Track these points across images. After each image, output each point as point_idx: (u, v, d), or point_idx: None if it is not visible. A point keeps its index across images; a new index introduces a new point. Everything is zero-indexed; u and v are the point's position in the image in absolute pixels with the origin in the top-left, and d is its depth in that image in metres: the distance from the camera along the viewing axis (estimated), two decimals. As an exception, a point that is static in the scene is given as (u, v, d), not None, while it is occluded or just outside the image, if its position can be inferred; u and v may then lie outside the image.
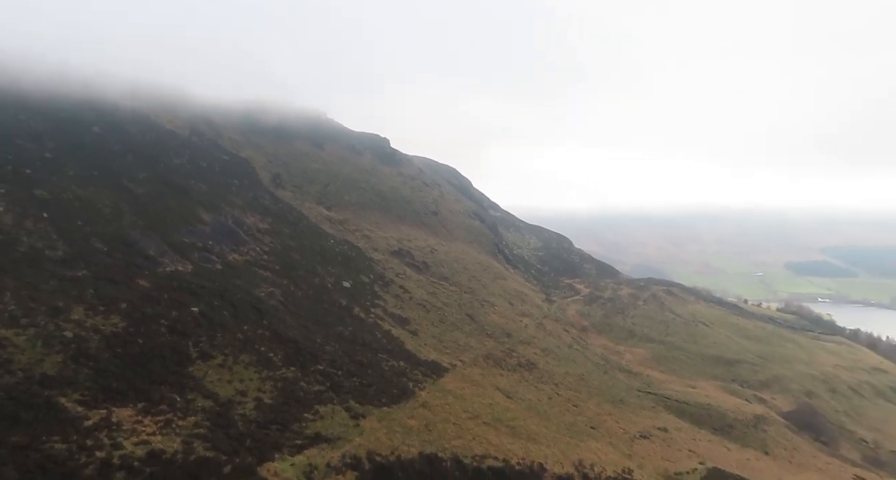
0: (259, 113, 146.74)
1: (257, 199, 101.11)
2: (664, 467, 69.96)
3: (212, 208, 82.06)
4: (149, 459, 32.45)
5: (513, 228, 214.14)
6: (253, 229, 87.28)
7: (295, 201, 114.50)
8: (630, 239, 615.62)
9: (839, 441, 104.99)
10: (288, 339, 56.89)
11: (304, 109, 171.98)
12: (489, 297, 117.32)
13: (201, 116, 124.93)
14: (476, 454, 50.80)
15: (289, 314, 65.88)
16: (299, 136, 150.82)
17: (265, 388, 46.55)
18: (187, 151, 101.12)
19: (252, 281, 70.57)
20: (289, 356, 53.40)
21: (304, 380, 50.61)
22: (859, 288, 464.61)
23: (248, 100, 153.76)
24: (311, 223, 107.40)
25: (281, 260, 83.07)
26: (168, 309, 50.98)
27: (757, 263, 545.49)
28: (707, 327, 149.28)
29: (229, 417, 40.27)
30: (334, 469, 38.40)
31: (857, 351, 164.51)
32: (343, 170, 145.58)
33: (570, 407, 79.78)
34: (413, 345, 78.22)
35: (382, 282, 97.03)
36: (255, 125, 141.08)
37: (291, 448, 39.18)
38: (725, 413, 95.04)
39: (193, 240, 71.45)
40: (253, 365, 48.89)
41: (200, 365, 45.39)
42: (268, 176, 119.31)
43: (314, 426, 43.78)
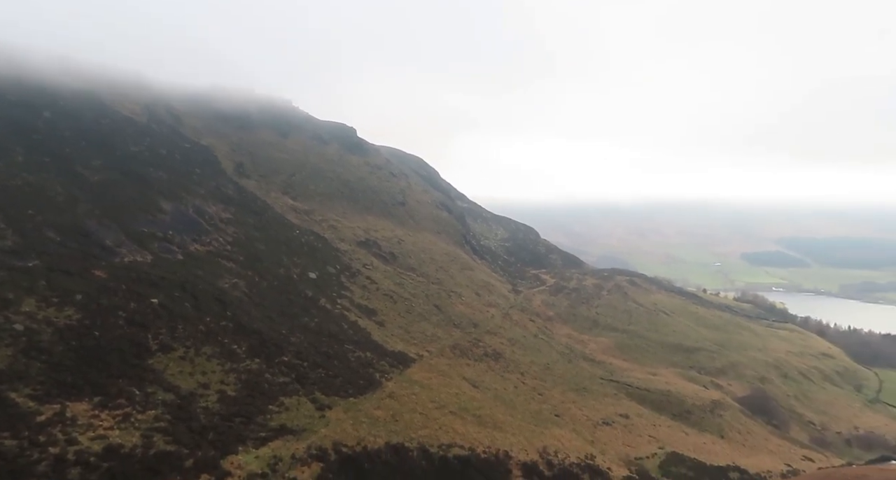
0: (222, 100, 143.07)
1: (220, 188, 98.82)
2: (625, 452, 71.89)
3: (172, 197, 79.84)
4: (106, 454, 31.62)
5: (480, 219, 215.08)
6: (216, 219, 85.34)
7: (259, 191, 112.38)
8: (595, 230, 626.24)
9: (789, 424, 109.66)
10: (252, 331, 56.05)
11: (269, 98, 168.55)
12: (456, 288, 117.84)
13: (160, 103, 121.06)
14: (442, 443, 51.20)
15: (253, 305, 64.85)
16: (264, 125, 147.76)
17: (229, 380, 45.81)
18: (146, 138, 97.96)
19: (215, 271, 69.12)
20: (253, 348, 52.64)
21: (269, 372, 50.00)
22: (810, 278, 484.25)
23: (211, 88, 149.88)
24: (276, 213, 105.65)
25: (245, 250, 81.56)
26: (126, 300, 49.53)
27: (716, 254, 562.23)
28: (668, 316, 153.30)
29: (191, 410, 39.52)
30: (300, 461, 38.17)
31: (807, 338, 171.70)
32: (309, 160, 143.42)
33: (535, 396, 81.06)
34: (380, 336, 78.08)
35: (349, 273, 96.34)
36: (217, 113, 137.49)
37: (256, 440, 38.74)
38: (684, 400, 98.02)
39: (153, 229, 69.46)
40: (216, 357, 48.02)
41: (161, 358, 44.33)
42: (231, 165, 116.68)
43: (279, 418, 43.36)
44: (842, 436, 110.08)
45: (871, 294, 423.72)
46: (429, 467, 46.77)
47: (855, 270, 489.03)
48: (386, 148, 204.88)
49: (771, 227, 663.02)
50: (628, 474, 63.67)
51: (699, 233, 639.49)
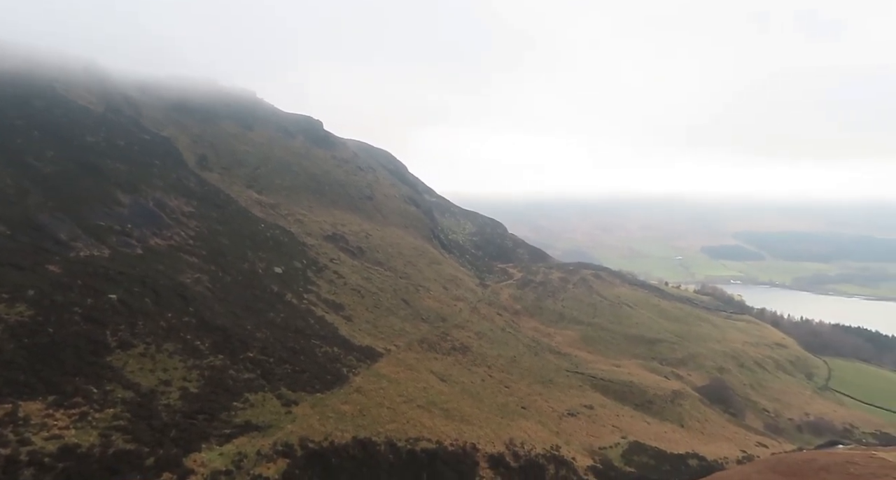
0: (183, 91, 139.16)
1: (182, 181, 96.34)
2: (589, 442, 73.43)
3: (131, 190, 77.47)
4: (61, 454, 30.60)
5: (448, 213, 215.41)
6: (177, 212, 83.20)
7: (223, 184, 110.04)
8: (562, 224, 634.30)
9: (745, 412, 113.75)
10: (216, 327, 54.96)
11: (233, 89, 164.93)
12: (424, 282, 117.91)
13: (118, 92, 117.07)
14: (410, 437, 51.32)
15: (217, 301, 63.57)
16: (227, 117, 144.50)
17: (191, 377, 44.85)
18: (103, 129, 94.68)
19: (176, 266, 67.46)
20: (217, 343, 51.64)
21: (234, 368, 49.16)
22: (766, 271, 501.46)
23: (172, 78, 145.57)
24: (240, 207, 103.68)
25: (208, 244, 79.80)
26: (82, 296, 47.91)
27: (677, 248, 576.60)
28: (631, 309, 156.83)
29: (152, 408, 38.57)
30: (265, 457, 37.70)
31: (762, 329, 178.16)
32: (274, 153, 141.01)
33: (502, 389, 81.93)
34: (347, 331, 77.61)
35: (316, 268, 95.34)
36: (178, 104, 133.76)
37: (220, 437, 38.08)
38: (646, 390, 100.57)
39: (110, 223, 67.33)
40: (178, 354, 46.93)
41: (120, 355, 43.08)
42: (193, 157, 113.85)
43: (244, 414, 42.70)
44: (793, 423, 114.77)
45: (822, 286, 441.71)
46: (396, 461, 46.85)
47: (807, 263, 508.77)
48: (353, 141, 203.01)
49: (729, 222, 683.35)
50: (592, 463, 65.05)
51: (661, 228, 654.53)
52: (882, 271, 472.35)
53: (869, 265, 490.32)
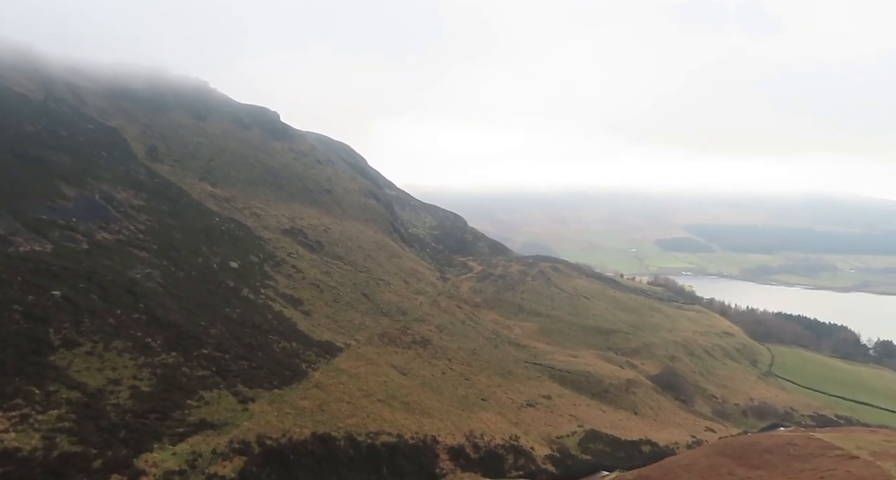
0: (131, 79, 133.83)
1: (130, 173, 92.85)
2: (547, 432, 74.93)
3: (75, 182, 74.17)
4: (0, 458, 29.26)
5: (408, 207, 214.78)
6: (126, 205, 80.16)
7: (174, 176, 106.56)
8: (520, 217, 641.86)
9: (695, 399, 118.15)
10: (168, 323, 53.35)
11: (184, 78, 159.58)
12: (385, 276, 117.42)
13: (60, 80, 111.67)
14: (370, 431, 51.26)
15: (169, 296, 61.65)
16: (178, 106, 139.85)
17: (142, 376, 43.46)
18: (43, 118, 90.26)
19: (126, 261, 65.06)
20: (169, 340, 50.15)
21: (188, 365, 47.87)
22: (715, 262, 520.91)
23: (118, 65, 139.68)
24: (193, 200, 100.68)
25: (159, 239, 77.24)
26: (23, 293, 45.69)
27: (632, 240, 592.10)
28: (588, 300, 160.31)
29: (100, 408, 37.21)
30: (221, 456, 36.98)
31: (711, 318, 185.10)
32: (229, 145, 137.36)
33: (462, 381, 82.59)
34: (306, 326, 76.61)
35: (273, 262, 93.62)
36: (126, 92, 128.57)
37: (173, 436, 37.10)
38: (602, 379, 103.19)
39: (53, 217, 64.35)
40: (128, 352, 45.37)
41: (64, 354, 41.34)
42: (142, 148, 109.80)
43: (199, 412, 41.71)
44: (739, 407, 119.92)
45: (767, 276, 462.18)
46: (356, 456, 46.73)
47: (753, 254, 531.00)
48: (312, 134, 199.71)
49: (681, 215, 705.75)
50: (550, 452, 66.44)
51: (617, 221, 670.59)
52: (821, 262, 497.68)
53: (809, 256, 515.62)
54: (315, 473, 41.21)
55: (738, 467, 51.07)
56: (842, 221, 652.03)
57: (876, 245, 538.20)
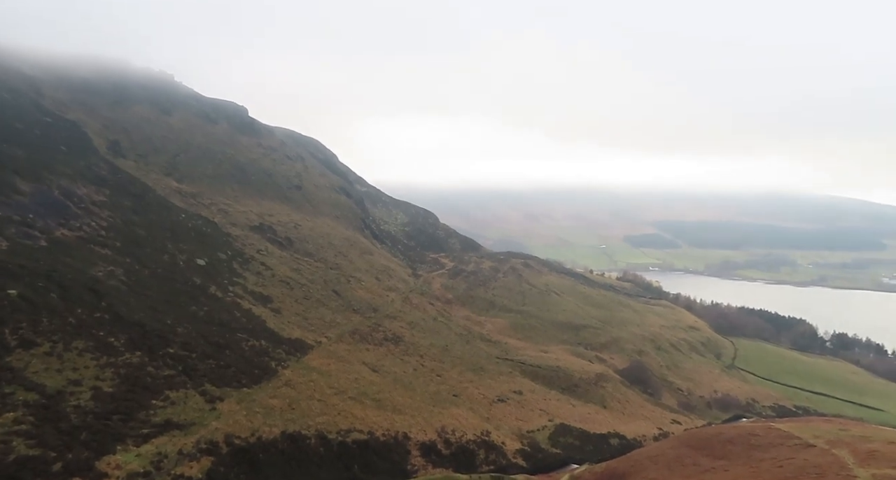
0: (91, 71, 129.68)
1: (91, 168, 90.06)
2: (518, 426, 75.67)
3: (32, 177, 71.59)
4: (-45, 465, 28.17)
5: (380, 203, 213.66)
6: (87, 201, 77.75)
7: (138, 172, 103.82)
8: (492, 214, 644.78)
9: (662, 392, 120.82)
10: (132, 322, 52.04)
11: (149, 71, 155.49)
12: (356, 273, 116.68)
13: (15, 71, 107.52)
14: (341, 429, 50.97)
15: (133, 295, 60.13)
16: (142, 100, 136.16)
17: (105, 376, 42.31)
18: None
19: (87, 259, 63.17)
20: (133, 340, 48.93)
21: (153, 365, 46.80)
22: (681, 258, 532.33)
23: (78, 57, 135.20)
24: (158, 196, 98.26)
25: (122, 236, 75.19)
26: (-23, 293, 43.97)
27: (601, 237, 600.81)
28: (558, 296, 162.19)
29: (59, 410, 36.10)
30: (188, 456, 36.29)
31: (677, 313, 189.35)
32: (195, 140, 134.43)
33: (434, 377, 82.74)
34: (275, 324, 75.66)
35: (242, 259, 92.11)
36: (86, 85, 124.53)
37: (137, 438, 36.25)
38: (572, 374, 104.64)
39: (8, 213, 62.04)
40: (89, 352, 44.11)
41: (21, 355, 39.96)
42: (104, 142, 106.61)
43: (164, 413, 40.84)
44: (704, 400, 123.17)
45: (731, 271, 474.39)
46: (327, 454, 46.43)
47: (717, 250, 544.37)
48: (281, 129, 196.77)
49: (648, 212, 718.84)
50: (521, 447, 67.12)
51: (586, 218, 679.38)
52: (782, 257, 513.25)
53: (771, 251, 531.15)
54: (285, 472, 40.80)
55: (702, 457, 52.54)
56: (800, 218, 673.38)
57: (832, 241, 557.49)
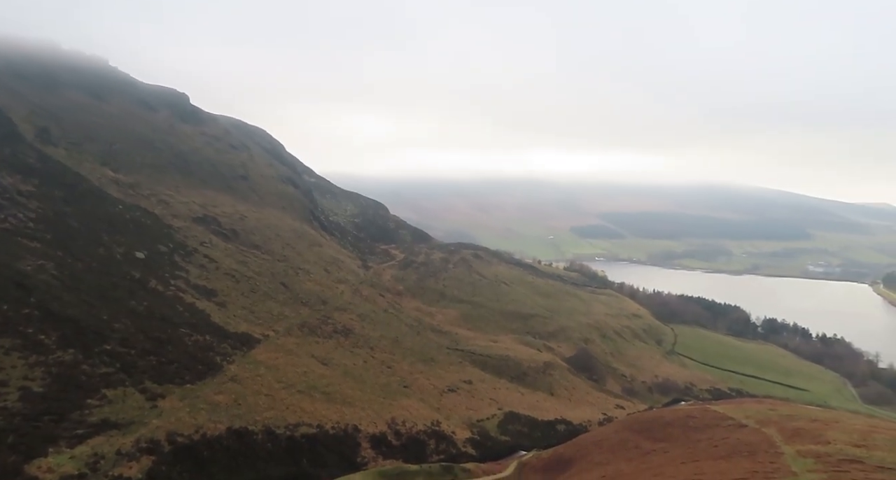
0: (16, 54, 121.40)
1: (18, 157, 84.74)
2: (468, 416, 76.72)
3: (-50, 165, 66.71)
4: None
5: (329, 194, 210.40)
6: (12, 191, 73.16)
7: (70, 161, 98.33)
8: (442, 205, 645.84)
9: (606, 378, 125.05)
10: (65, 318, 49.50)
11: (80, 55, 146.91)
12: (304, 265, 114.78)
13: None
14: (289, 423, 50.32)
15: (66, 290, 57.12)
16: (74, 86, 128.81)
17: (34, 375, 40.17)
18: None
19: (14, 252, 59.51)
20: (66, 337, 46.58)
21: (88, 363, 44.73)
22: (626, 248, 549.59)
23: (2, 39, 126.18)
24: (92, 186, 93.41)
25: (53, 228, 71.20)
26: None
27: (549, 227, 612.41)
28: (508, 286, 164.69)
29: (-15, 413, 34.10)
30: (126, 456, 34.99)
31: (621, 301, 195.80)
32: (133, 128, 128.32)
33: (384, 369, 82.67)
34: (220, 318, 73.61)
35: (184, 252, 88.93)
36: (12, 69, 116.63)
37: (71, 439, 34.65)
38: (520, 363, 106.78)
39: (-76, 203, 57.65)
40: (17, 350, 41.75)
41: (-59, 356, 37.44)
42: (32, 129, 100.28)
43: (101, 412, 39.18)
44: (646, 385, 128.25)
45: (671, 261, 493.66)
46: (275, 449, 45.76)
47: (659, 240, 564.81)
48: (225, 118, 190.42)
49: (593, 203, 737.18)
50: (471, 436, 68.11)
51: (535, 209, 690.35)
52: (719, 247, 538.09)
53: (708, 242, 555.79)
54: (230, 469, 39.99)
55: (643, 440, 54.78)
56: (734, 209, 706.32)
57: (764, 231, 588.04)
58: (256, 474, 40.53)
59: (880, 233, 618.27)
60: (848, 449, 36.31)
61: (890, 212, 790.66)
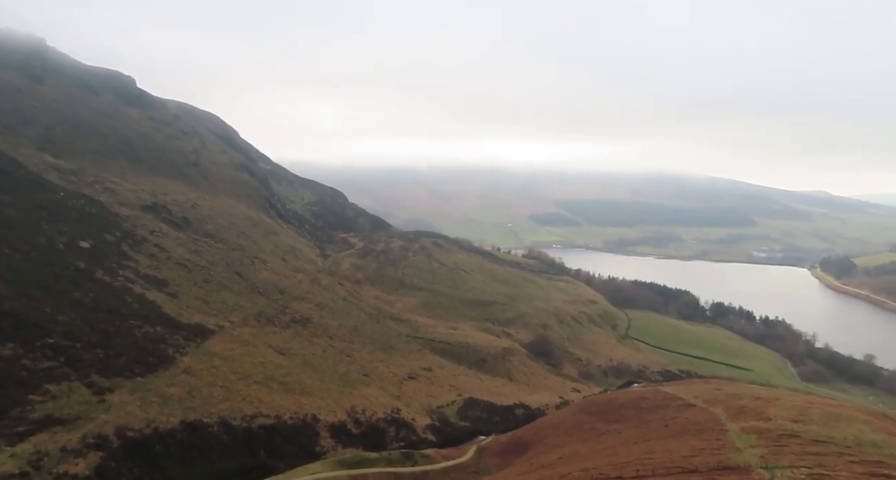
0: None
1: (-54, 140, 79.42)
2: (428, 402, 77.25)
3: None
4: None
5: (285, 182, 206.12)
6: (-59, 178, 68.64)
7: (5, 145, 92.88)
8: (401, 193, 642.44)
9: (564, 363, 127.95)
10: (3, 312, 47.05)
11: (12, 32, 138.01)
12: (260, 254, 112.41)
13: None
14: (246, 414, 49.51)
15: (2, 282, 54.23)
16: (7, 66, 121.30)
17: (-30, 373, 38.15)
18: None
19: (-57, 243, 56.04)
20: (4, 330, 44.32)
21: (28, 357, 42.72)
22: (582, 235, 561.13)
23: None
24: (30, 172, 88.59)
25: (-13, 216, 67.29)
26: None
27: (508, 215, 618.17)
28: (467, 274, 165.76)
29: (-84, 413, 32.21)
30: (72, 453, 33.73)
31: (578, 287, 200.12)
32: (74, 111, 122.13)
33: (343, 358, 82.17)
34: (172, 309, 71.42)
35: (132, 241, 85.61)
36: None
37: (11, 436, 33.14)
38: (480, 349, 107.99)
39: None
40: (-50, 347, 39.50)
41: None
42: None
43: (44, 408, 37.57)
44: (601, 368, 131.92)
45: (626, 247, 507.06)
46: (231, 440, 44.99)
47: (614, 228, 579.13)
48: (174, 102, 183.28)
49: (551, 191, 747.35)
50: (430, 422, 68.64)
51: (494, 197, 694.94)
52: (670, 234, 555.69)
53: (661, 229, 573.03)
54: (184, 463, 39.12)
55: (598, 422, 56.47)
56: (684, 197, 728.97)
57: (713, 218, 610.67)
58: (211, 467, 39.79)
59: (818, 219, 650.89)
60: (787, 425, 38.37)
61: (827, 199, 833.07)
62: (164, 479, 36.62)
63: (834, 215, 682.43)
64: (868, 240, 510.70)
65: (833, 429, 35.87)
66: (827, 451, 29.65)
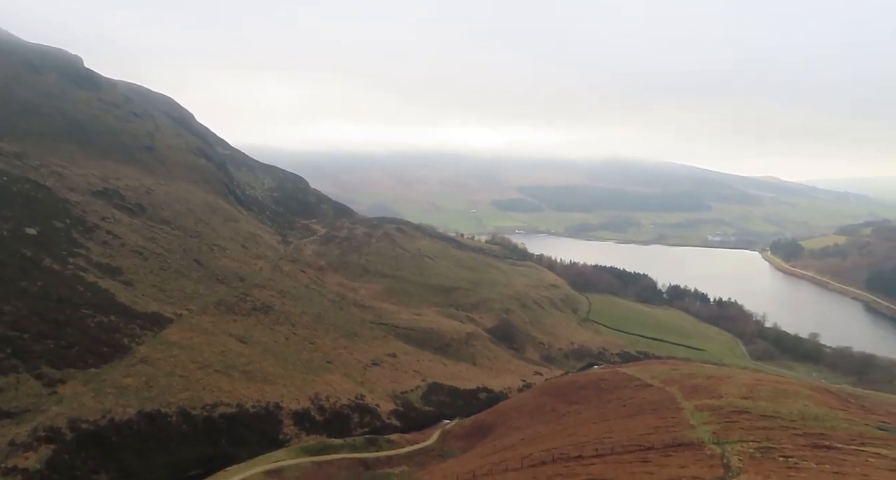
0: None
1: None
2: (392, 388, 77.53)
3: None
4: None
5: (245, 167, 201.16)
6: None
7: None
8: (364, 179, 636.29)
9: (526, 346, 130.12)
10: (-58, 303, 44.77)
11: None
12: (219, 241, 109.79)
13: None
14: (206, 403, 48.71)
15: (-59, 271, 51.53)
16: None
17: None
18: None
19: None
20: (-55, 323, 42.22)
21: (-28, 351, 40.85)
22: (545, 221, 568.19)
23: None
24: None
25: (-78, 202, 63.53)
26: None
27: (471, 201, 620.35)
28: (431, 260, 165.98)
29: None
30: (22, 446, 32.58)
31: (540, 272, 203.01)
32: (15, 92, 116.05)
33: (306, 345, 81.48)
34: (127, 297, 69.22)
35: (83, 228, 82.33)
36: None
37: (-43, 433, 31.77)
38: (444, 335, 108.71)
39: None
40: None
41: None
42: None
43: (-9, 403, 36.09)
44: (562, 351, 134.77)
45: (586, 232, 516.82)
46: (191, 430, 44.24)
47: (575, 213, 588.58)
48: (125, 83, 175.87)
49: (514, 177, 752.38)
50: (395, 408, 68.96)
51: (457, 183, 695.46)
52: (629, 219, 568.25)
53: (620, 214, 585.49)
54: (141, 453, 38.28)
55: (560, 404, 57.83)
56: (642, 182, 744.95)
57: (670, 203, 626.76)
58: (170, 457, 39.08)
59: (769, 204, 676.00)
60: (737, 402, 40.12)
61: (777, 184, 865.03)
62: (121, 470, 35.79)
63: (784, 200, 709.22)
64: (815, 224, 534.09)
65: (780, 405, 37.71)
66: (774, 425, 31.20)
